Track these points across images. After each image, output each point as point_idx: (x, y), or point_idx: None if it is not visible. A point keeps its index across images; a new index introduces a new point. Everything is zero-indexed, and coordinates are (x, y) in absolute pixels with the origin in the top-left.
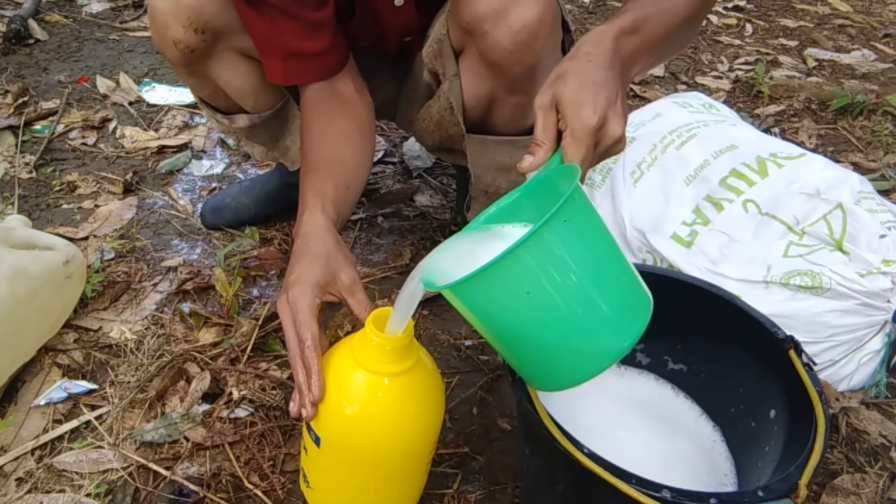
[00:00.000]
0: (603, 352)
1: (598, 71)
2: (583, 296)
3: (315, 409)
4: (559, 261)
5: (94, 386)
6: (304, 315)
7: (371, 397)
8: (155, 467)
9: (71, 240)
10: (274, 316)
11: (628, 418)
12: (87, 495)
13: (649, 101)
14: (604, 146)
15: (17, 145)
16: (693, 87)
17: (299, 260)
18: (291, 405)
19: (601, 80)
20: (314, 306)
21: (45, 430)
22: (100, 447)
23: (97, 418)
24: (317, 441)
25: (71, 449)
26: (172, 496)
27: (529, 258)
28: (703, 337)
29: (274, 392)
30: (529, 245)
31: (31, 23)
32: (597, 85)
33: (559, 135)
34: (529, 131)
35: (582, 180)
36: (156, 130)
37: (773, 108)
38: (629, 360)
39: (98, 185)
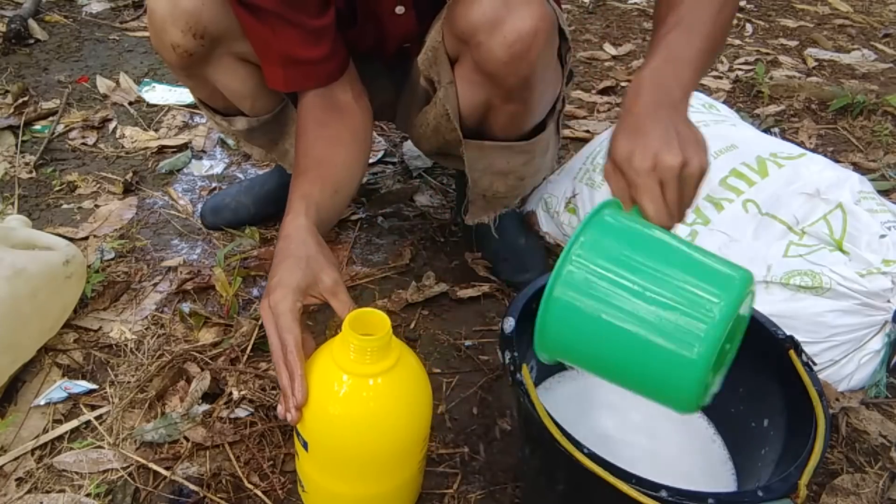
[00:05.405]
0: (694, 339)
1: (640, 121)
2: (650, 297)
3: (300, 412)
4: (607, 269)
5: (94, 386)
6: (286, 319)
7: (353, 398)
8: (155, 467)
9: (71, 240)
10: None
11: (627, 418)
12: (87, 495)
13: None
14: (669, 176)
15: (17, 145)
16: None
17: (280, 263)
18: (279, 409)
19: (644, 128)
20: (296, 310)
21: (45, 430)
22: (100, 447)
23: (97, 418)
24: (305, 445)
25: (71, 449)
26: (172, 496)
27: (571, 281)
28: None
29: (274, 392)
30: (557, 274)
31: (31, 23)
32: (639, 133)
33: None
34: (526, 137)
35: (677, 219)
36: (156, 130)
37: (773, 108)
38: None
39: (98, 185)
